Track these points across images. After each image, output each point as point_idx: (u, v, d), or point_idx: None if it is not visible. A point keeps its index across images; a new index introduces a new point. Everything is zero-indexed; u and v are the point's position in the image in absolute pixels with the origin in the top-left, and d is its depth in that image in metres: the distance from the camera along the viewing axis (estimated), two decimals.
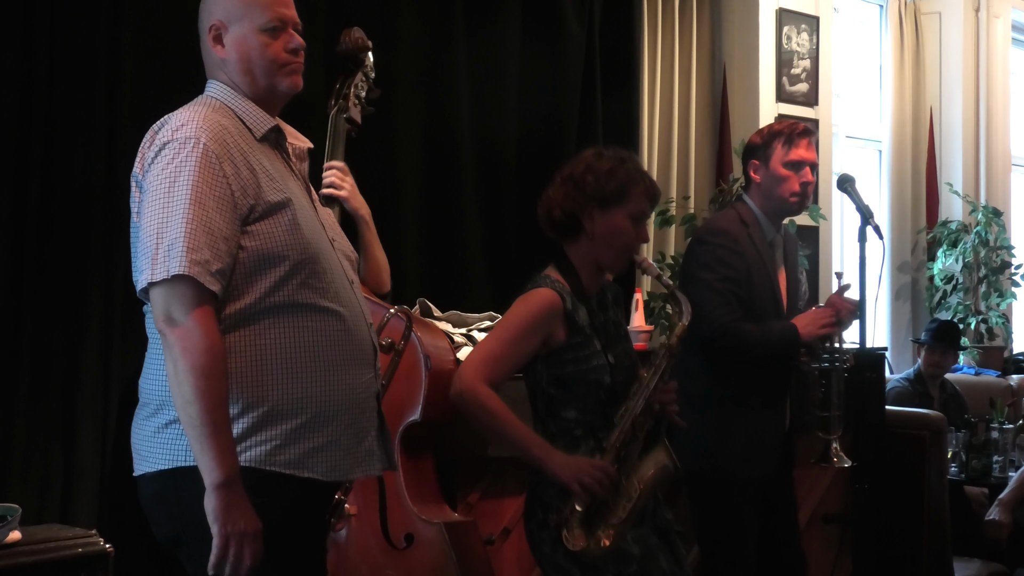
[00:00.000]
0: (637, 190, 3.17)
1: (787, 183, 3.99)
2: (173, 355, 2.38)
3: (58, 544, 3.45)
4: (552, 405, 3.14)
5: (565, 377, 3.12)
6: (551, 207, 3.21)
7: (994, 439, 5.70)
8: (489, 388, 3.05)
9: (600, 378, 3.11)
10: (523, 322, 3.11)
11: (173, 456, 2.48)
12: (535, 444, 3.06)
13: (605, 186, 3.14)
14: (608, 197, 3.14)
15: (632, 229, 3.17)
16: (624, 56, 6.12)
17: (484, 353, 3.11)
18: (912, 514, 5.17)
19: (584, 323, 3.14)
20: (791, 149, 3.99)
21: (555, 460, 3.03)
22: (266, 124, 2.64)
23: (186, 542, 2.53)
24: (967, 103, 8.40)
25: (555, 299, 3.11)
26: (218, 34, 2.63)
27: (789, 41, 7.14)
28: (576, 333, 3.12)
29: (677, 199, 6.49)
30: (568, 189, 3.18)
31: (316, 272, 2.56)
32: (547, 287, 3.14)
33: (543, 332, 3.10)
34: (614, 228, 3.16)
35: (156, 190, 2.45)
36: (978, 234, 8.00)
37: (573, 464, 3.02)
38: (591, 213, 3.15)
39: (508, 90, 5.58)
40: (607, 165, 3.17)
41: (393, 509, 3.62)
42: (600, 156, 3.21)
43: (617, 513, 3.05)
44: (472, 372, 3.06)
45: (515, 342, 3.10)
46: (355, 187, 3.54)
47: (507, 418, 3.05)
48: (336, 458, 2.57)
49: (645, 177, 3.22)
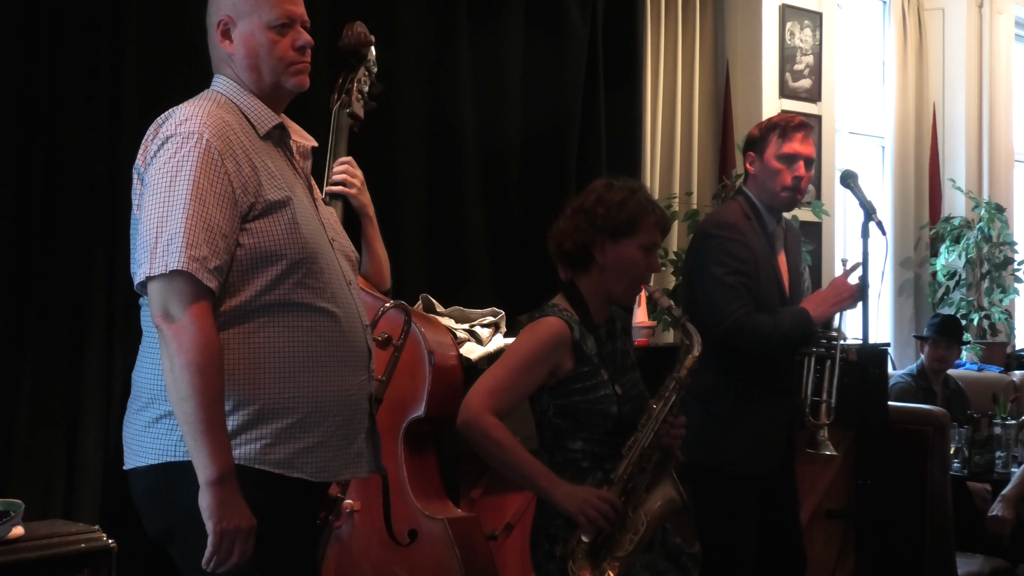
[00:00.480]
0: (648, 221, 3.17)
1: (779, 176, 3.99)
2: (170, 351, 2.37)
3: (61, 539, 3.46)
4: (559, 436, 3.13)
5: (572, 407, 3.11)
6: (562, 239, 3.20)
7: (997, 435, 5.69)
8: (495, 418, 3.05)
9: (607, 408, 3.11)
10: (531, 352, 3.11)
11: (163, 451, 2.48)
12: (541, 475, 3.06)
13: (616, 217, 3.14)
14: (619, 228, 3.14)
15: (644, 260, 3.18)
16: (627, 52, 6.11)
17: (491, 382, 3.10)
18: (915, 510, 5.17)
19: (592, 353, 3.13)
20: (785, 142, 4.00)
21: (561, 491, 3.03)
22: (270, 121, 2.63)
23: (177, 537, 2.53)
24: (970, 99, 8.39)
25: (563, 329, 3.11)
26: (226, 29, 2.63)
27: (792, 37, 7.13)
28: (583, 363, 3.11)
29: (680, 195, 6.48)
30: (579, 221, 3.18)
31: (313, 272, 2.55)
32: (555, 316, 3.13)
33: (551, 362, 3.10)
34: (625, 259, 3.16)
35: (157, 184, 2.45)
36: (981, 230, 7.99)
37: (579, 495, 3.01)
38: (602, 245, 3.15)
39: (511, 86, 5.57)
40: (618, 196, 3.17)
41: (396, 505, 3.62)
42: (611, 187, 3.20)
43: (623, 546, 3.04)
44: (479, 402, 3.06)
45: (522, 372, 3.10)
46: (364, 183, 3.53)
47: (513, 449, 3.05)
48: (325, 459, 2.57)
49: (656, 207, 3.22)
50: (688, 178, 6.62)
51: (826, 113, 7.34)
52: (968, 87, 8.36)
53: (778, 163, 3.97)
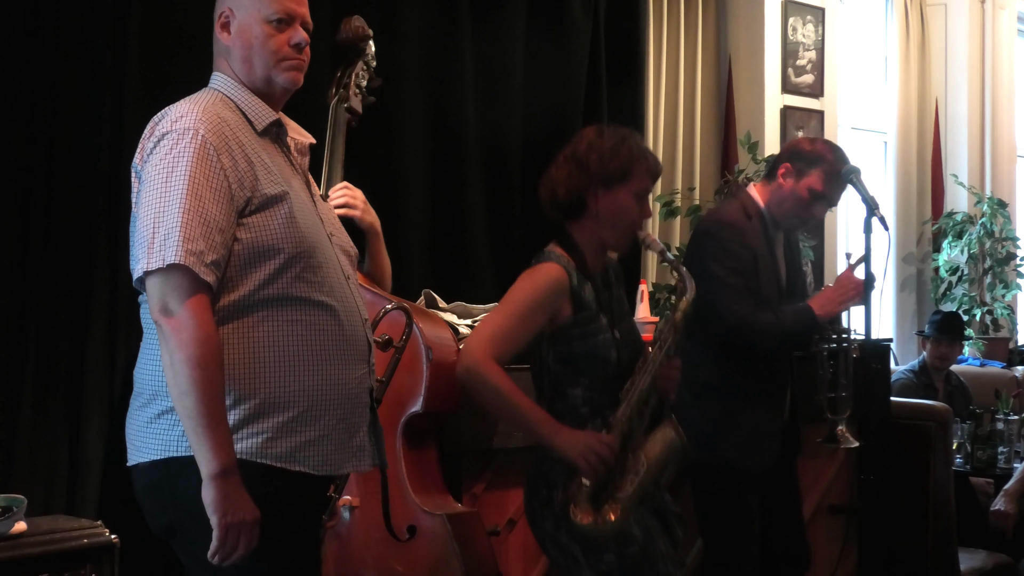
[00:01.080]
0: (640, 167, 3.15)
1: (804, 207, 3.98)
2: (169, 346, 2.37)
3: (64, 535, 3.46)
4: (559, 383, 3.12)
5: (572, 354, 3.10)
6: (555, 187, 3.18)
7: (999, 430, 5.69)
8: (496, 365, 3.02)
9: (607, 354, 3.10)
10: (529, 298, 3.09)
11: (166, 446, 2.48)
12: (542, 421, 3.04)
13: (609, 164, 3.12)
14: (612, 175, 3.12)
15: (636, 206, 3.16)
16: (629, 47, 6.11)
17: (490, 329, 3.08)
18: (918, 505, 5.17)
19: (590, 299, 3.12)
20: (826, 185, 3.96)
21: (561, 436, 3.01)
22: (267, 118, 2.64)
23: (180, 532, 2.53)
24: (972, 94, 8.39)
25: (561, 274, 3.09)
26: (226, 21, 2.64)
27: (795, 32, 7.13)
28: (582, 309, 3.10)
29: (682, 190, 6.48)
30: (571, 168, 3.16)
31: (311, 266, 2.55)
32: (552, 261, 3.12)
33: (549, 308, 3.08)
34: (618, 206, 3.14)
35: (153, 180, 2.45)
36: (983, 225, 7.99)
37: (580, 440, 3.00)
38: (595, 192, 3.13)
39: (513, 82, 5.57)
40: (610, 143, 3.16)
41: (396, 501, 3.62)
42: (602, 134, 3.19)
43: (624, 488, 3.03)
44: (478, 348, 3.03)
45: (522, 318, 3.07)
46: (366, 201, 3.50)
47: (514, 395, 3.02)
48: (327, 452, 2.57)
49: (648, 154, 3.20)
50: (690, 174, 6.62)
51: (828, 108, 7.34)
52: (970, 82, 8.36)
53: (809, 196, 3.95)
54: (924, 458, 5.15)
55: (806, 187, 3.94)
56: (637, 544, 3.05)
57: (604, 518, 3.01)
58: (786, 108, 7.05)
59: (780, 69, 7.03)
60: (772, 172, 4.05)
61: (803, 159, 3.97)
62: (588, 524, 3.01)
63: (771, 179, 4.04)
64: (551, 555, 3.16)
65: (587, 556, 3.05)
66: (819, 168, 3.94)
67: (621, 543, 3.04)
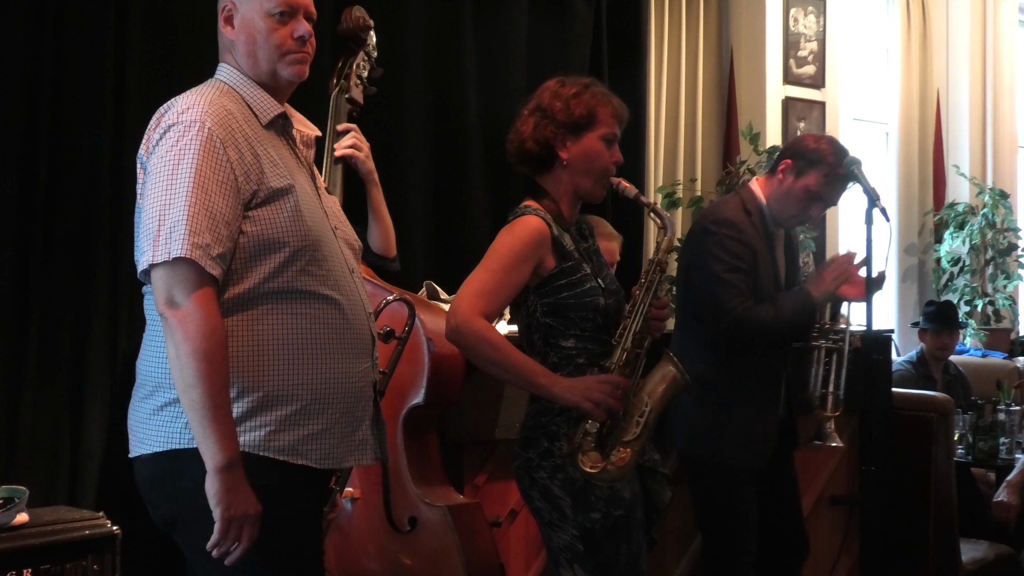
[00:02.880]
0: (605, 112, 3.14)
1: (802, 207, 3.99)
2: (175, 339, 2.37)
3: (65, 526, 3.47)
4: (550, 336, 3.10)
5: (560, 304, 3.08)
6: (523, 140, 3.18)
7: (1001, 421, 5.69)
8: (485, 320, 3.01)
9: (595, 300, 3.08)
10: (512, 251, 3.07)
11: (168, 438, 2.48)
12: (539, 372, 3.02)
13: (574, 111, 3.12)
14: (578, 122, 3.12)
15: (606, 151, 3.15)
16: (631, 38, 6.11)
17: (476, 286, 3.05)
18: (919, 496, 5.17)
19: (571, 248, 3.11)
20: (826, 186, 3.96)
21: (561, 384, 3.00)
22: (273, 111, 2.63)
23: (182, 523, 2.53)
24: (974, 85, 8.38)
25: (542, 226, 3.09)
26: (229, 15, 2.63)
27: (796, 23, 7.12)
28: (565, 258, 3.09)
29: (684, 182, 6.48)
30: (537, 120, 3.16)
31: (316, 259, 2.55)
32: (531, 215, 3.12)
33: (533, 260, 3.06)
34: (588, 152, 3.13)
35: (160, 172, 2.44)
36: (985, 216, 7.99)
37: (579, 384, 2.99)
38: (563, 140, 3.13)
39: (515, 73, 5.56)
40: (572, 90, 3.15)
41: (397, 492, 3.62)
42: (563, 83, 3.19)
43: (630, 430, 3.02)
44: (467, 306, 3.01)
45: (506, 272, 3.05)
46: (369, 150, 3.58)
47: (507, 349, 3.01)
48: (330, 445, 2.57)
49: (612, 98, 3.18)
50: (692, 165, 6.62)
51: (830, 99, 7.33)
52: (972, 73, 8.36)
53: (805, 196, 3.95)
54: (926, 449, 5.15)
55: (803, 187, 3.94)
56: (624, 508, 3.04)
57: (614, 464, 2.99)
58: (788, 99, 7.04)
59: (782, 60, 7.02)
60: (774, 167, 4.05)
61: (804, 158, 3.97)
62: (598, 471, 2.99)
63: (772, 174, 4.04)
64: (536, 507, 3.13)
65: (575, 510, 3.03)
66: (818, 169, 3.94)
67: (610, 504, 3.02)
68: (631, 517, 3.07)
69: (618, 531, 3.04)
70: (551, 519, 3.09)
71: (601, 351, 3.09)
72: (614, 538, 3.04)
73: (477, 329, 3.00)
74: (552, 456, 3.05)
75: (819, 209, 4.03)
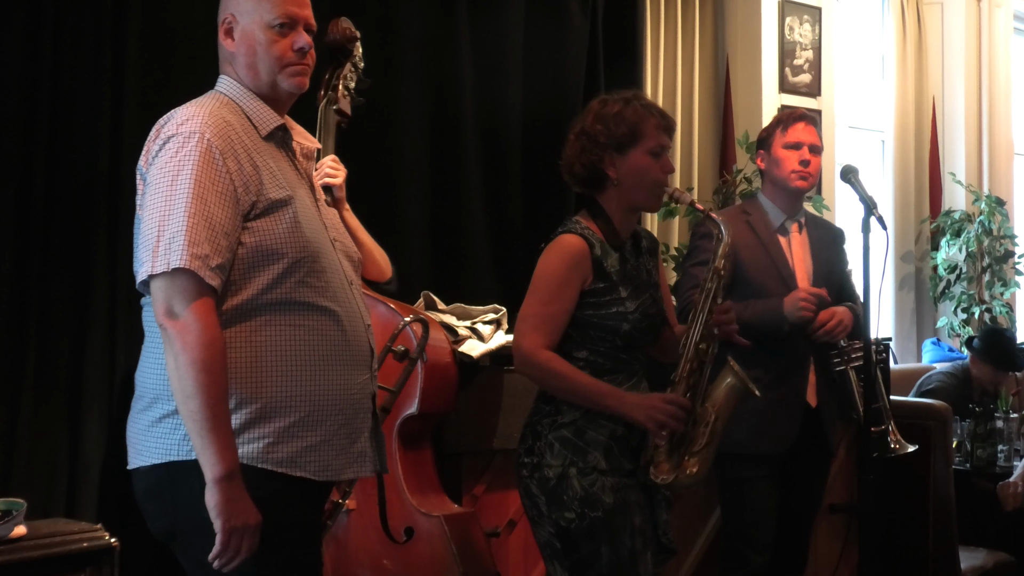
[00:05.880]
0: (649, 125, 3.20)
1: (785, 162, 4.13)
2: (174, 349, 2.37)
3: (63, 539, 3.46)
4: (564, 343, 3.18)
5: (583, 319, 3.17)
6: (571, 164, 3.26)
7: (999, 428, 5.69)
8: (548, 352, 3.11)
9: (618, 325, 3.16)
10: (558, 277, 3.16)
11: (167, 450, 2.48)
12: (607, 394, 3.13)
13: (616, 130, 3.18)
14: (623, 140, 3.18)
15: (656, 164, 3.20)
16: (627, 47, 6.10)
17: (533, 321, 3.15)
18: (918, 504, 5.17)
19: (612, 270, 3.18)
20: (787, 132, 4.14)
21: (628, 403, 3.11)
22: (272, 122, 2.64)
23: (180, 535, 2.53)
24: (970, 93, 8.39)
25: (582, 244, 3.16)
26: (229, 27, 2.64)
27: (792, 32, 7.12)
28: (602, 279, 3.16)
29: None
30: (583, 143, 3.23)
31: (315, 271, 2.56)
32: (573, 233, 3.19)
33: (578, 280, 3.15)
34: (637, 168, 3.19)
35: (159, 183, 2.45)
36: (981, 223, 7.99)
37: (646, 403, 3.10)
38: (611, 160, 3.19)
39: (510, 82, 5.56)
40: (614, 109, 3.21)
41: (392, 503, 3.62)
42: (605, 103, 3.25)
43: (698, 440, 3.13)
44: (528, 343, 3.13)
45: (555, 299, 3.15)
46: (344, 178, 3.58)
47: (573, 376, 3.12)
48: (328, 458, 2.57)
49: (654, 110, 3.24)
50: (689, 174, 6.61)
51: (826, 108, 7.33)
52: (967, 81, 8.36)
53: (785, 151, 4.10)
54: (924, 457, 5.15)
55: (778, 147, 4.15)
56: (602, 510, 3.10)
57: (684, 473, 3.12)
58: (783, 107, 7.03)
59: (777, 69, 7.02)
60: (760, 173, 4.31)
61: (763, 139, 4.23)
62: (672, 481, 3.12)
63: (762, 177, 4.29)
64: (524, 503, 3.24)
65: (550, 509, 3.13)
66: (775, 130, 4.18)
67: (585, 505, 3.10)
68: (617, 521, 3.12)
69: (597, 533, 3.10)
70: (532, 515, 3.21)
71: (610, 366, 3.18)
72: (592, 539, 3.11)
73: (541, 363, 3.12)
74: (533, 454, 3.17)
75: (805, 151, 4.15)
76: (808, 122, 4.17)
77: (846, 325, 4.06)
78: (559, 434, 3.15)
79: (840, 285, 4.24)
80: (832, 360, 4.14)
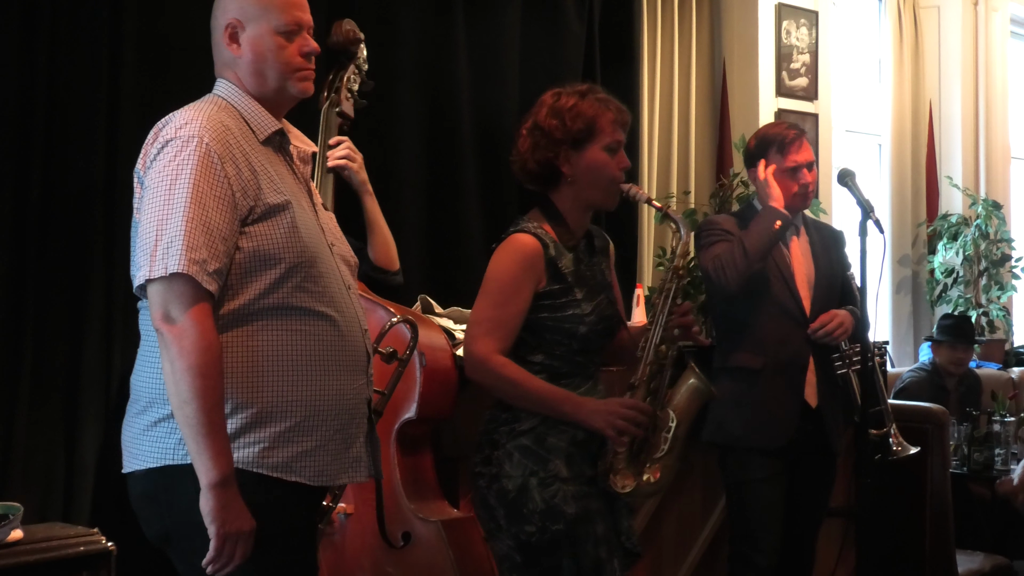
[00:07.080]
0: (606, 119, 3.07)
1: (787, 189, 4.09)
2: (170, 354, 2.37)
3: (60, 543, 3.45)
4: (519, 347, 3.06)
5: (538, 323, 3.05)
6: (524, 161, 3.13)
7: (996, 432, 5.70)
8: (502, 357, 3.00)
9: (574, 328, 3.05)
10: (511, 278, 3.04)
11: (162, 454, 2.48)
12: (562, 400, 3.01)
13: (572, 126, 3.04)
14: (579, 136, 3.05)
15: (611, 160, 3.08)
16: (623, 51, 6.11)
17: (485, 325, 3.03)
18: (915, 507, 5.18)
19: (567, 271, 3.07)
20: (785, 157, 4.08)
21: (586, 410, 2.99)
22: (270, 127, 2.63)
23: (175, 540, 2.53)
24: (966, 96, 8.40)
25: (535, 245, 3.04)
26: (234, 32, 2.62)
27: (788, 36, 7.13)
28: (556, 280, 3.05)
29: (677, 194, 6.48)
30: (536, 138, 3.10)
31: (312, 276, 2.55)
32: (525, 232, 3.08)
33: (531, 282, 3.03)
34: (592, 165, 3.07)
35: (157, 187, 2.44)
36: (978, 227, 8.00)
37: (604, 409, 2.98)
38: (566, 156, 3.06)
39: (507, 88, 5.56)
40: (569, 102, 3.07)
41: (390, 508, 3.61)
42: (559, 96, 3.11)
43: (659, 446, 3.02)
44: (480, 347, 3.01)
45: (508, 302, 3.03)
46: (363, 161, 3.58)
47: (528, 382, 3.00)
48: (323, 463, 2.56)
49: (611, 104, 3.10)
50: (685, 177, 6.62)
51: (822, 111, 7.34)
52: (964, 84, 8.37)
53: (784, 178, 4.06)
54: (922, 460, 5.15)
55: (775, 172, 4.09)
56: (564, 523, 2.99)
57: (646, 481, 3.01)
58: (780, 111, 7.05)
59: (774, 72, 7.03)
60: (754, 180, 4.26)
61: (756, 155, 4.17)
62: (632, 489, 3.01)
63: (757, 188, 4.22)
64: (479, 515, 3.13)
65: (509, 522, 3.02)
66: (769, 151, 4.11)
67: (547, 518, 2.98)
68: (580, 532, 3.01)
69: (559, 545, 3.00)
70: (488, 528, 3.10)
71: (567, 370, 3.07)
72: (554, 552, 3.00)
73: (494, 368, 3.00)
74: (491, 464, 3.05)
75: (804, 174, 4.12)
76: (802, 141, 4.12)
77: (846, 328, 4.05)
78: (518, 443, 3.02)
79: (841, 288, 4.24)
80: (834, 363, 4.14)
